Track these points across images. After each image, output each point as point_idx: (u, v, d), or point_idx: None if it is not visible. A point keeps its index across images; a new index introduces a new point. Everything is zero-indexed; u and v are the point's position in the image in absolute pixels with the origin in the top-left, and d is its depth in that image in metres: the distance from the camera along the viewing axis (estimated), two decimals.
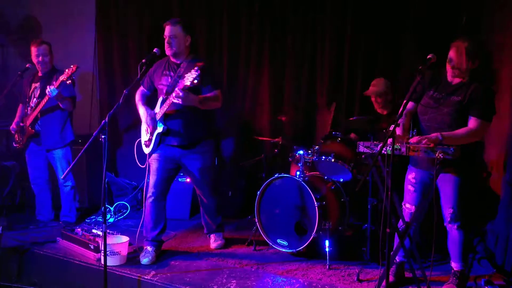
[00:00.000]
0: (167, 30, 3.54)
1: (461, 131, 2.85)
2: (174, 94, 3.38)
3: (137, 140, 3.70)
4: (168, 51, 3.57)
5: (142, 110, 3.67)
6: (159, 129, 3.56)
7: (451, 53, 2.91)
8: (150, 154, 3.66)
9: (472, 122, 2.86)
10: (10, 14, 6.03)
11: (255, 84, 5.00)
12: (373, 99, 3.96)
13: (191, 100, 3.42)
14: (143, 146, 3.73)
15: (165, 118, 3.56)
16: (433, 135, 2.82)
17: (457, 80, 2.96)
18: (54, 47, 4.48)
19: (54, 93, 4.02)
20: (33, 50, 4.30)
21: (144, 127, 3.69)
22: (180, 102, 3.37)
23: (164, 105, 3.51)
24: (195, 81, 3.26)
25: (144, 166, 3.68)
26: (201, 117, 3.60)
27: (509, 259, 3.29)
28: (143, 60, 3.28)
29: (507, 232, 3.33)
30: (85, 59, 5.63)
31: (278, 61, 4.88)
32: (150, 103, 3.76)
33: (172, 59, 3.63)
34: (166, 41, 3.54)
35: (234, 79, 5.07)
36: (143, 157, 3.78)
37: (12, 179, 5.08)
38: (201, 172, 3.69)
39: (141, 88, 3.80)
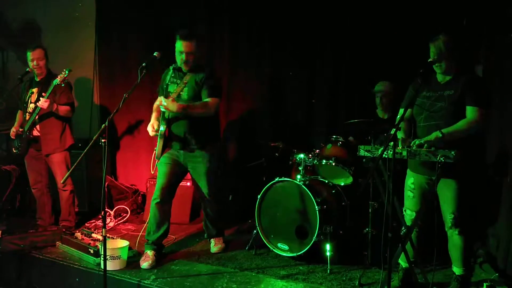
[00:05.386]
0: (185, 46, 3.55)
1: (460, 124, 2.81)
2: (157, 102, 3.45)
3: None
4: (185, 67, 3.62)
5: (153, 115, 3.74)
6: (160, 131, 3.56)
7: (432, 50, 2.91)
8: (158, 158, 3.64)
9: (470, 111, 2.83)
10: (11, 17, 6.05)
11: (255, 87, 4.99)
12: (378, 99, 4.06)
13: (174, 108, 3.45)
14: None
15: (170, 122, 3.60)
16: (433, 134, 2.78)
17: (446, 78, 2.96)
18: (54, 51, 4.47)
19: (45, 106, 4.05)
20: (28, 54, 4.29)
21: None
22: (163, 109, 3.46)
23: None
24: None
25: (154, 171, 3.67)
26: (205, 121, 3.62)
27: (511, 264, 3.26)
28: (143, 64, 3.28)
29: (509, 236, 3.31)
30: (85, 63, 5.64)
31: (278, 64, 4.87)
32: None
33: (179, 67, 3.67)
34: (183, 57, 3.56)
35: (235, 83, 5.06)
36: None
37: (12, 183, 5.07)
38: (205, 176, 3.71)
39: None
